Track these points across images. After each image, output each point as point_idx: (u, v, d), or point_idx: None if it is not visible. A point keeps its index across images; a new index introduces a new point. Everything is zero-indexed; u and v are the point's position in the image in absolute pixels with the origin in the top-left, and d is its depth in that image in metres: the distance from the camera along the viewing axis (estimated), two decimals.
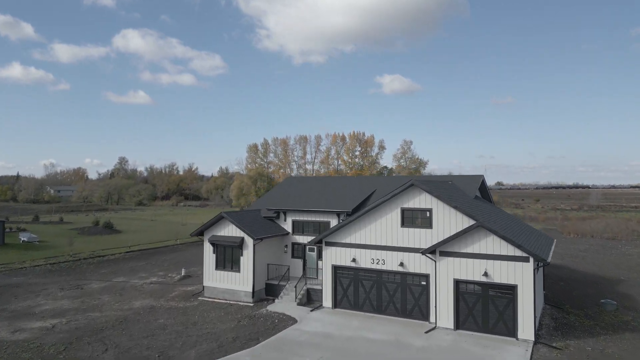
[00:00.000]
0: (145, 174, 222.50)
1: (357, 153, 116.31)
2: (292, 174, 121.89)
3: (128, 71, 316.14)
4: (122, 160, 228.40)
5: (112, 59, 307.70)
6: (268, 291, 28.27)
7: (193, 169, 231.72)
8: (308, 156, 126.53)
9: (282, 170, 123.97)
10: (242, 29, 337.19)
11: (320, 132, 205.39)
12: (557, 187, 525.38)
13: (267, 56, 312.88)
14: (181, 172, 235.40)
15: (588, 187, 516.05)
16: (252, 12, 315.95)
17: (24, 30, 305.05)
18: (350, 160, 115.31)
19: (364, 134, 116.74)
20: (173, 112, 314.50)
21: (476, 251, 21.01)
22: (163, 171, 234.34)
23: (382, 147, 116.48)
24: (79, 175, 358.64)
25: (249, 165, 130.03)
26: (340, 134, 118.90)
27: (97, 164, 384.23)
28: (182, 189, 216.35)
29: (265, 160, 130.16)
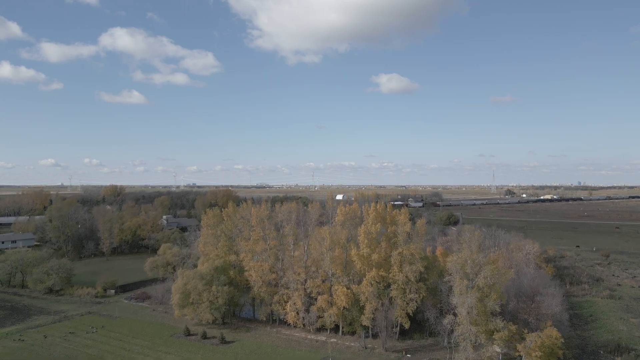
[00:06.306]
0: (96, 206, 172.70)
1: (381, 242, 68.89)
2: (270, 270, 74.22)
3: (120, 70, 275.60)
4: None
5: (102, 57, 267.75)
6: None
7: (155, 221, 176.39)
8: None
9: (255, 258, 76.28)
10: (233, 27, 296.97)
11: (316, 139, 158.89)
12: (572, 199, 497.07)
13: (260, 54, 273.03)
14: (161, 188, 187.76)
15: (581, 199, 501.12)
16: (243, 10, 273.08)
17: (11, 29, 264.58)
18: (367, 251, 67.68)
19: (390, 206, 69.80)
20: (168, 112, 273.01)
21: None
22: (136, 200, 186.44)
23: (420, 232, 69.33)
24: (40, 199, 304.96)
25: (203, 247, 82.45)
26: (350, 206, 71.83)
27: (96, 164, 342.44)
28: (139, 238, 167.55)
29: (229, 240, 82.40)
